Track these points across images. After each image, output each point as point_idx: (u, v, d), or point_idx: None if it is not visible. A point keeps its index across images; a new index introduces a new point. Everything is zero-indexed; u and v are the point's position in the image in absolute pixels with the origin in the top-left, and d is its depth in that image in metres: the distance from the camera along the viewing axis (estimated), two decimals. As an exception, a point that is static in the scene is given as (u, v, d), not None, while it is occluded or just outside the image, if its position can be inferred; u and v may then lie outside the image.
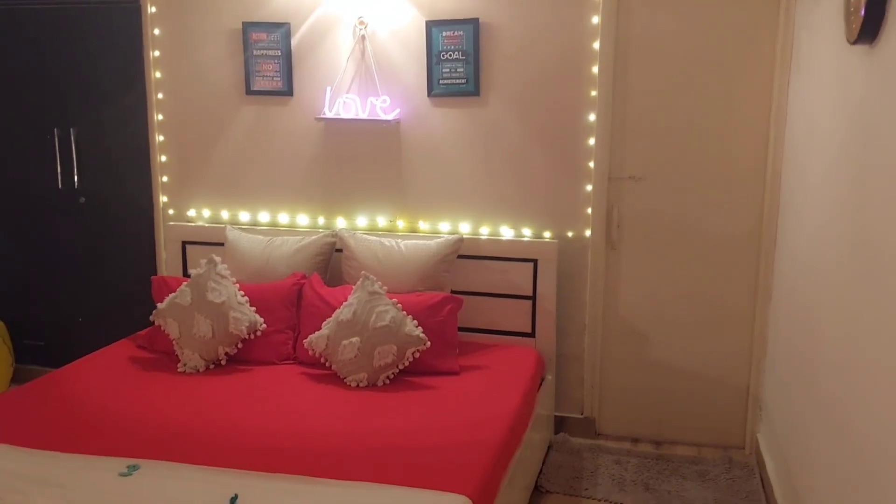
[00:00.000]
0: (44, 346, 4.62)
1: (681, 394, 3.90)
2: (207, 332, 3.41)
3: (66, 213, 4.47)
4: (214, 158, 4.19)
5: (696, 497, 3.39)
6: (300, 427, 2.82)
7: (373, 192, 4.00)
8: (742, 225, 3.71)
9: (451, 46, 3.75)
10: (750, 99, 3.61)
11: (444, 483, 2.37)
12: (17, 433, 2.73)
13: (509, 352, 3.67)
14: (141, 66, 4.19)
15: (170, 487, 2.37)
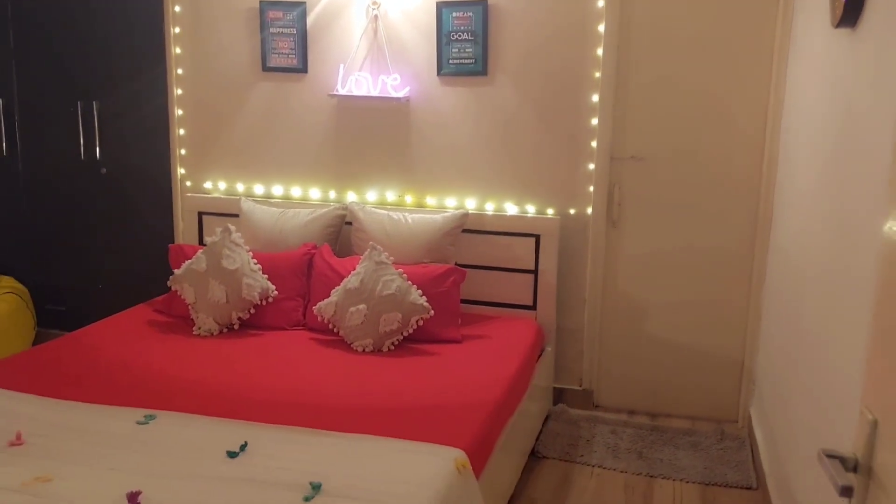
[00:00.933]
0: (65, 311, 4.80)
1: (677, 368, 4.03)
2: (221, 297, 3.57)
3: (88, 184, 4.64)
4: (231, 133, 4.34)
5: (687, 465, 3.53)
6: (307, 385, 2.98)
7: (382, 167, 4.14)
8: (740, 206, 3.82)
9: (461, 27, 3.87)
10: (750, 82, 3.71)
11: (440, 437, 2.51)
12: (42, 385, 2.89)
13: (510, 323, 3.81)
14: (162, 43, 4.34)
15: (183, 435, 2.53)
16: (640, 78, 3.82)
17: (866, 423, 1.17)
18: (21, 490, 2.18)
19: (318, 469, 2.28)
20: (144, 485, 2.17)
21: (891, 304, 1.15)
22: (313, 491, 2.17)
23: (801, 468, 2.54)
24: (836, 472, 1.16)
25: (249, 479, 2.25)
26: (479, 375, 3.12)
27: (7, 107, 4.68)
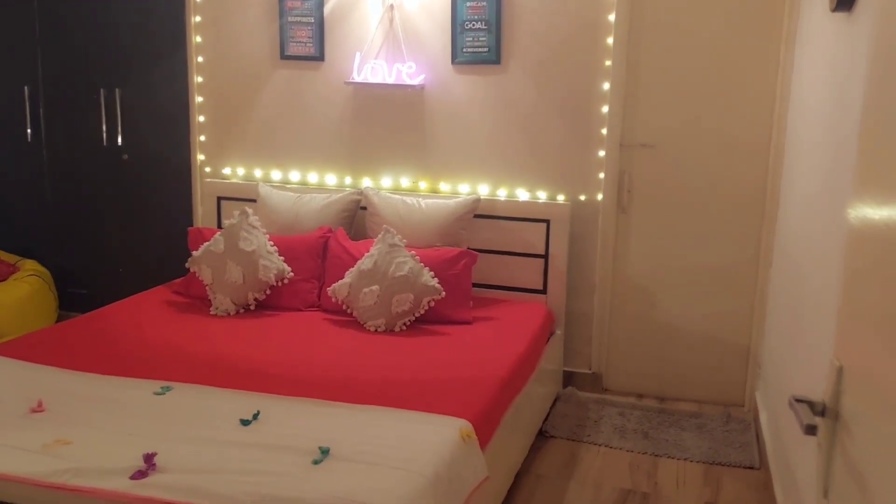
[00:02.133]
0: (87, 294, 4.93)
1: (685, 353, 4.07)
2: (238, 278, 3.67)
3: (110, 170, 4.77)
4: (249, 119, 4.44)
5: (692, 445, 3.58)
6: (319, 361, 3.07)
7: (397, 153, 4.22)
8: (747, 193, 3.86)
9: (475, 16, 3.94)
10: (758, 70, 3.75)
11: (446, 408, 2.59)
12: (64, 358, 3.01)
13: (521, 306, 3.88)
14: (183, 31, 4.45)
15: (198, 405, 2.63)
16: (649, 66, 3.87)
17: (834, 369, 1.23)
18: (42, 451, 2.28)
19: (327, 436, 2.37)
20: (160, 448, 2.27)
21: (856, 273, 1.22)
22: (322, 455, 2.26)
23: (798, 446, 2.59)
24: (804, 414, 1.22)
25: (261, 444, 2.34)
26: (487, 354, 3.20)
27: (32, 94, 4.82)
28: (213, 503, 2.04)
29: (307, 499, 2.04)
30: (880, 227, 1.10)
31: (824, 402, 1.26)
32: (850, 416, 1.19)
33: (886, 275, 1.06)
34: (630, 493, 3.21)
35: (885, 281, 1.07)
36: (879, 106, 1.19)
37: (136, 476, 2.15)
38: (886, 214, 1.07)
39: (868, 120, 1.26)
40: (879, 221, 1.11)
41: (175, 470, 2.18)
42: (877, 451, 1.08)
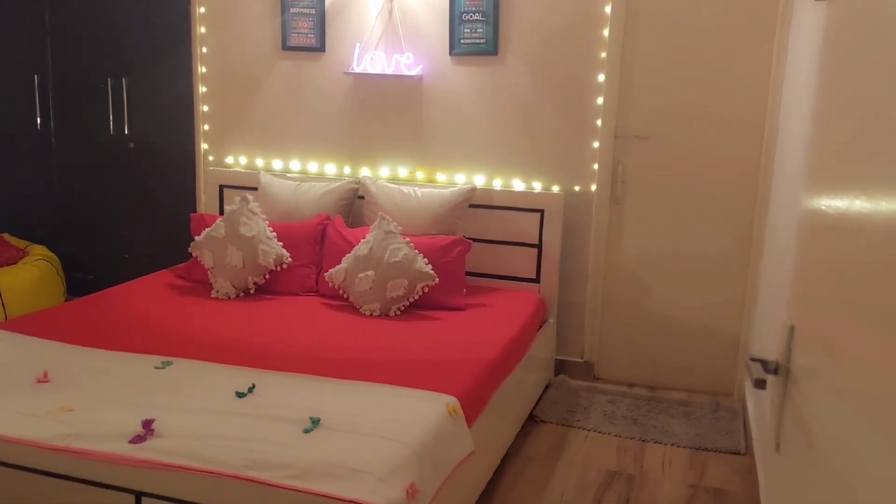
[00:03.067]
0: (93, 280, 5.02)
1: (676, 342, 4.15)
2: (238, 262, 3.76)
3: (117, 158, 4.87)
4: (252, 109, 4.54)
5: (679, 432, 3.66)
6: (314, 341, 3.16)
7: (395, 143, 4.31)
8: (740, 185, 3.93)
9: (472, 8, 4.03)
10: (752, 62, 3.83)
11: (435, 385, 2.68)
12: (70, 334, 3.10)
13: (513, 294, 3.96)
14: (188, 22, 4.54)
15: (197, 378, 2.72)
16: (644, 58, 3.95)
17: (786, 328, 1.31)
18: (45, 417, 2.38)
19: (318, 407, 2.46)
20: (158, 416, 2.36)
21: (806, 246, 1.30)
22: (312, 425, 2.35)
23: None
24: (755, 371, 1.30)
25: (255, 414, 2.43)
26: (477, 337, 3.28)
27: (42, 83, 4.92)
28: (206, 466, 2.13)
29: (296, 464, 2.13)
30: (824, 210, 1.21)
31: (777, 361, 1.34)
32: (799, 371, 1.27)
33: (829, 248, 1.16)
34: (616, 475, 3.29)
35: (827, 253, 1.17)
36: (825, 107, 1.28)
37: (134, 440, 2.24)
38: (828, 201, 1.17)
39: (816, 118, 1.36)
40: (823, 205, 1.21)
41: (172, 435, 2.27)
42: (818, 403, 1.16)
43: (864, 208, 1.00)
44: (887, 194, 0.90)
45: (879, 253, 0.92)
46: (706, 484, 3.26)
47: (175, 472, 2.15)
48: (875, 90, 1.02)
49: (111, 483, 2.20)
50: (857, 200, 1.04)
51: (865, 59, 1.11)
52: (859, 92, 1.12)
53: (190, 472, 2.14)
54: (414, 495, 2.14)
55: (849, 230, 1.07)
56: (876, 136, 1.00)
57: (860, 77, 1.13)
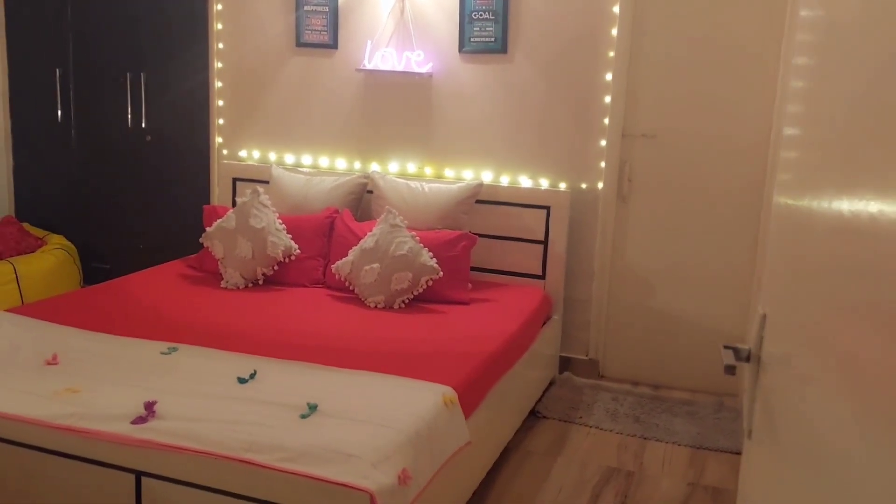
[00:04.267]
0: (109, 270, 5.12)
1: (681, 341, 4.16)
2: (248, 253, 3.82)
3: (134, 150, 4.96)
4: (265, 104, 4.61)
5: (681, 430, 3.67)
6: (317, 331, 3.21)
7: (405, 139, 4.36)
8: (746, 184, 3.94)
9: (482, 7, 4.06)
10: (760, 62, 3.83)
11: (432, 376, 2.72)
12: (82, 319, 3.18)
13: (518, 290, 3.99)
14: (206, 18, 4.62)
15: (201, 364, 2.78)
16: (652, 57, 3.97)
17: (758, 316, 1.34)
18: (52, 397, 2.45)
19: (316, 394, 2.51)
20: (161, 398, 2.42)
21: (778, 240, 1.34)
22: (310, 410, 2.39)
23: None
24: (726, 357, 1.33)
25: (254, 399, 2.48)
26: (479, 331, 3.32)
27: (63, 76, 5.03)
28: (204, 447, 2.19)
29: (291, 447, 2.17)
30: (790, 208, 1.26)
31: (749, 349, 1.37)
32: (767, 358, 1.30)
33: (795, 242, 1.20)
34: (615, 471, 3.31)
35: (794, 246, 1.21)
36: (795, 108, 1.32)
37: (136, 421, 2.30)
38: (792, 200, 1.22)
39: (785, 123, 1.40)
40: (790, 203, 1.26)
41: (173, 417, 2.33)
42: (783, 388, 1.19)
43: (820, 206, 1.04)
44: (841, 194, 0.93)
45: (831, 247, 0.95)
46: (705, 482, 3.27)
47: (174, 453, 2.20)
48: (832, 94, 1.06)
49: (112, 462, 2.26)
50: (815, 200, 1.07)
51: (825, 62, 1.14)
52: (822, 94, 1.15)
53: (188, 453, 2.19)
54: (406, 481, 2.18)
55: (806, 225, 1.11)
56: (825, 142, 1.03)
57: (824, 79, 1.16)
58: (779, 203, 1.39)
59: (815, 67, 1.24)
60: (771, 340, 1.29)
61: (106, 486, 2.27)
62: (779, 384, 1.22)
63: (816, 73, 1.23)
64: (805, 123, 1.28)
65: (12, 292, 4.51)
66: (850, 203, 0.90)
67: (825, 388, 0.99)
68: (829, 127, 1.08)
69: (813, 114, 1.21)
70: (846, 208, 0.92)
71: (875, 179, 0.80)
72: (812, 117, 1.21)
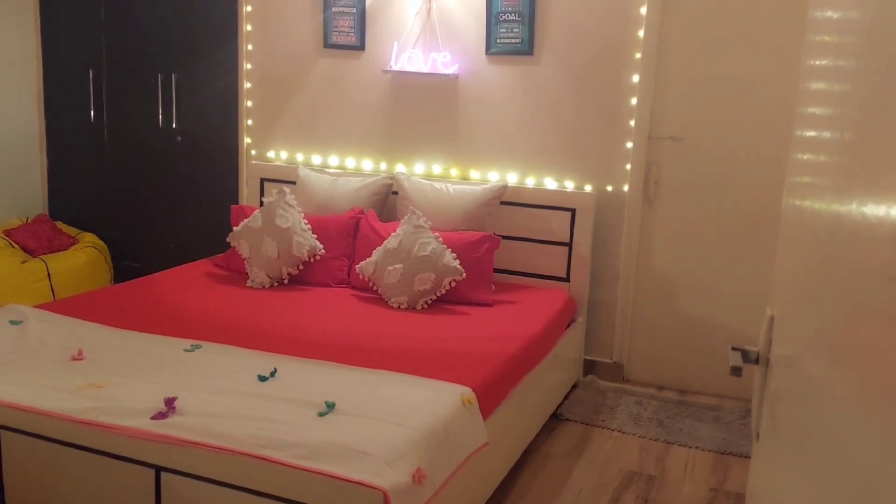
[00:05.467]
0: (139, 268, 5.20)
1: (707, 346, 4.11)
2: (273, 252, 3.86)
3: (164, 151, 5.03)
4: (293, 105, 4.65)
5: (706, 435, 3.63)
6: (339, 330, 3.23)
7: (431, 141, 4.37)
8: (774, 187, 3.87)
9: (509, 8, 4.06)
10: (789, 63, 3.77)
11: (451, 376, 2.72)
12: (109, 316, 3.24)
13: (542, 292, 3.98)
14: (235, 20, 4.68)
15: (223, 361, 2.81)
16: (679, 59, 3.93)
17: (767, 318, 1.32)
18: (76, 392, 2.50)
19: (334, 393, 2.52)
20: (181, 395, 2.45)
21: (786, 241, 1.32)
22: (328, 409, 2.41)
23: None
24: (733, 358, 1.31)
25: (273, 397, 2.50)
26: (500, 332, 3.31)
27: (96, 77, 5.12)
28: (223, 443, 2.21)
29: (308, 444, 2.19)
30: (799, 209, 1.24)
31: (758, 351, 1.35)
32: (776, 360, 1.28)
33: (803, 244, 1.18)
34: (636, 475, 3.28)
35: (802, 248, 1.19)
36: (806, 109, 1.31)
37: (156, 417, 2.34)
38: (801, 201, 1.22)
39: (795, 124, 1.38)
40: (799, 204, 1.24)
41: (192, 413, 2.36)
42: (788, 390, 1.18)
43: (829, 208, 1.03)
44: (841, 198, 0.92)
45: (839, 249, 0.94)
46: (728, 488, 3.23)
47: (193, 449, 2.23)
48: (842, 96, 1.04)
49: (132, 457, 2.29)
50: (823, 202, 1.06)
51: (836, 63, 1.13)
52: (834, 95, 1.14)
53: (206, 449, 2.22)
54: (420, 480, 2.18)
55: (815, 227, 1.09)
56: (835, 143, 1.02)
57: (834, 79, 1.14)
58: (788, 205, 1.38)
59: (826, 68, 1.23)
60: (779, 342, 1.27)
61: (126, 480, 2.30)
62: (787, 386, 1.21)
63: (828, 74, 1.21)
64: (816, 125, 1.26)
65: (45, 289, 4.60)
66: (858, 204, 0.89)
67: (833, 390, 0.98)
68: (841, 128, 1.06)
69: (824, 115, 1.20)
70: (855, 210, 0.91)
71: (884, 180, 0.79)
72: (823, 119, 1.20)
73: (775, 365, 1.27)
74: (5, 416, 2.44)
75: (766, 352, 1.32)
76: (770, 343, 1.31)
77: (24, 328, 3.03)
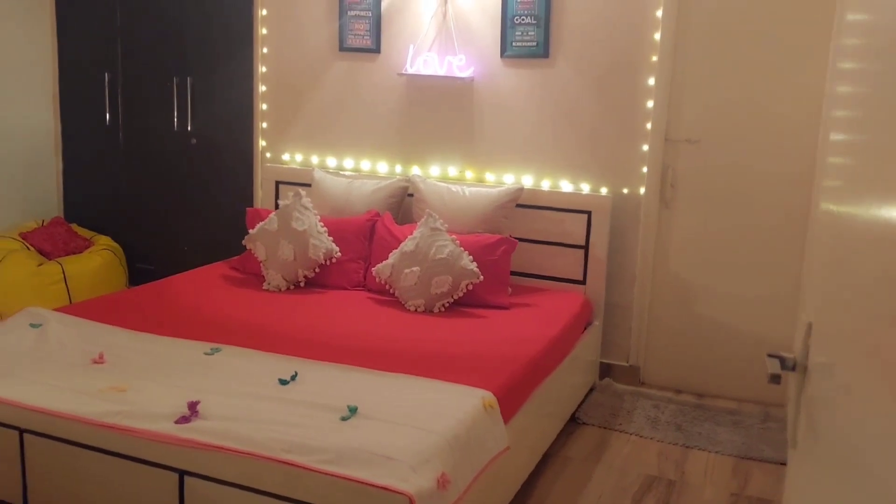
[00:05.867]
0: (154, 271, 5.21)
1: (725, 349, 4.09)
2: (290, 255, 3.86)
3: (179, 153, 5.04)
4: (308, 108, 4.65)
5: (725, 440, 3.61)
6: (358, 333, 3.23)
7: (446, 144, 4.36)
8: (793, 190, 3.86)
9: (524, 11, 4.05)
10: (807, 65, 3.76)
11: (472, 380, 2.72)
12: (127, 319, 3.25)
13: (559, 295, 3.97)
14: (250, 23, 4.69)
15: (243, 364, 2.81)
16: (696, 61, 3.92)
17: (804, 325, 1.31)
18: (98, 395, 2.50)
19: (356, 397, 2.52)
20: (204, 398, 2.46)
21: (823, 247, 1.31)
22: (350, 413, 2.41)
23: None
24: (770, 365, 1.30)
25: (295, 401, 2.50)
26: (519, 335, 3.30)
27: (112, 81, 5.14)
28: (246, 447, 2.21)
29: (331, 448, 2.19)
30: (837, 214, 1.23)
31: (795, 358, 1.34)
32: (814, 367, 1.27)
33: (842, 250, 1.17)
34: (655, 479, 3.27)
35: (841, 254, 1.18)
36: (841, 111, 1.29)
37: (179, 421, 2.34)
38: (839, 206, 1.20)
39: (831, 128, 1.37)
40: (837, 210, 1.23)
41: (215, 417, 2.36)
42: (827, 398, 1.17)
43: (868, 213, 1.02)
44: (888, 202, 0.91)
45: (880, 255, 0.93)
46: (749, 493, 3.21)
47: (216, 453, 2.23)
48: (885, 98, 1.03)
49: (156, 461, 2.29)
50: (863, 207, 1.05)
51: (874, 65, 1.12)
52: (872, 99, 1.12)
53: (230, 453, 2.22)
54: (444, 485, 2.18)
55: (854, 232, 1.08)
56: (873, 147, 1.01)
57: (871, 83, 1.13)
58: (825, 210, 1.37)
59: (863, 71, 1.22)
60: (817, 349, 1.26)
61: (149, 484, 2.31)
62: (826, 394, 1.20)
63: (865, 77, 1.20)
64: (853, 129, 1.25)
65: (61, 292, 4.62)
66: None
67: (873, 397, 0.97)
68: (878, 132, 1.06)
69: (861, 119, 1.18)
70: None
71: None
72: (860, 122, 1.19)
73: (814, 372, 1.26)
74: (28, 420, 2.45)
75: (803, 359, 1.31)
76: (807, 350, 1.30)
77: (43, 331, 3.04)
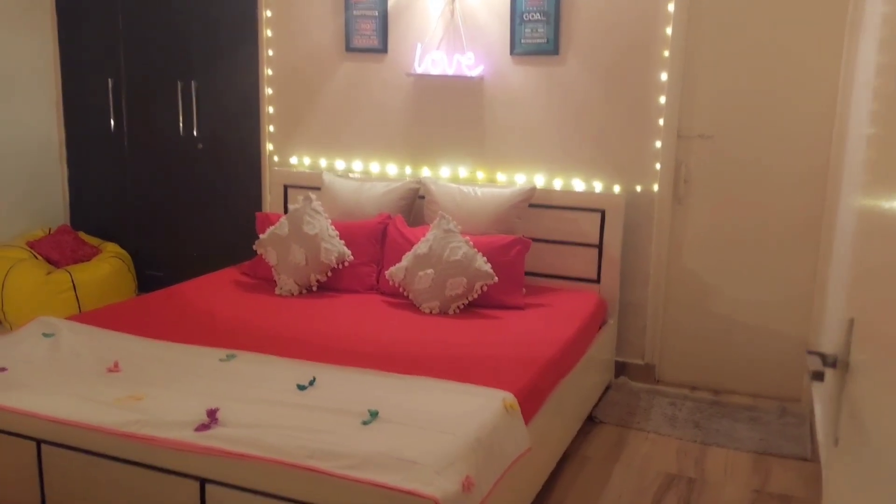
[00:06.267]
0: (162, 277, 5.19)
1: (741, 346, 4.06)
2: (301, 260, 3.84)
3: (186, 158, 5.02)
4: (316, 110, 4.63)
5: (744, 437, 3.58)
6: (374, 337, 3.20)
7: (456, 144, 4.33)
8: (807, 186, 3.83)
9: (534, 8, 4.03)
10: (820, 61, 3.73)
11: (492, 381, 2.69)
12: (140, 327, 3.22)
13: (573, 294, 3.94)
14: (255, 26, 4.66)
15: (260, 371, 2.79)
16: (708, 56, 3.89)
17: (846, 322, 1.29)
18: (115, 405, 2.48)
19: (377, 401, 2.50)
20: (223, 406, 2.43)
21: (865, 244, 1.28)
22: (371, 417, 2.38)
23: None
24: (812, 363, 1.28)
25: (315, 406, 2.48)
26: (536, 336, 3.28)
27: (116, 86, 5.12)
28: (267, 454, 2.19)
29: (355, 454, 2.16)
30: (877, 209, 1.20)
31: (836, 355, 1.32)
32: (857, 365, 1.24)
33: (884, 245, 1.15)
34: (675, 477, 3.24)
35: (883, 249, 1.15)
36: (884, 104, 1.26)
37: (199, 428, 2.31)
38: (879, 201, 1.17)
39: (877, 119, 1.34)
40: (881, 203, 1.20)
41: (235, 424, 2.33)
42: (873, 396, 1.14)
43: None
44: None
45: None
46: (770, 489, 3.18)
47: (238, 460, 2.21)
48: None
49: (176, 469, 2.27)
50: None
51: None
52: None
53: (252, 461, 2.19)
54: (469, 488, 2.15)
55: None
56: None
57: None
58: (863, 205, 1.34)
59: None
60: (860, 346, 1.24)
61: (170, 492, 2.28)
62: (871, 391, 1.17)
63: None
64: (891, 123, 1.22)
65: (70, 300, 4.60)
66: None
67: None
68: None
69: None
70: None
71: None
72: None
73: (857, 369, 1.23)
74: (45, 430, 2.43)
75: (844, 356, 1.28)
76: (849, 347, 1.27)
77: (57, 341, 3.02)
